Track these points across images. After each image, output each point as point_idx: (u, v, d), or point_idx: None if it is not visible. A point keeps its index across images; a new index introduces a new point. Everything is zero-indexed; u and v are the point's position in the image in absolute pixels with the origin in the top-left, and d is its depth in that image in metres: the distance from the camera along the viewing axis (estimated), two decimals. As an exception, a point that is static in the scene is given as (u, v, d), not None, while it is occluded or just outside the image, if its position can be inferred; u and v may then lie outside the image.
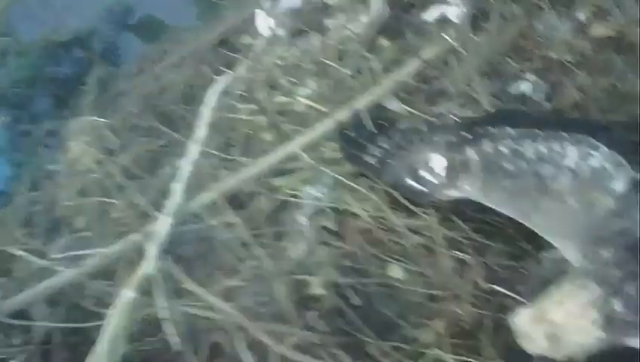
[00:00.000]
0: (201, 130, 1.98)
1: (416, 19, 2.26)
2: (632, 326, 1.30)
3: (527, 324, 1.37)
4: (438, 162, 1.66)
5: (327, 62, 2.09)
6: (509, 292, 1.59)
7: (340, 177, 1.82)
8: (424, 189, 1.67)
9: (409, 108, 1.99)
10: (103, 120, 2.23)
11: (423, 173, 1.67)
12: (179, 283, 1.68)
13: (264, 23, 2.40)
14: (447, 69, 2.10)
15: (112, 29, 2.93)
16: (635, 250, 1.36)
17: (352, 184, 1.80)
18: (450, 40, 2.14)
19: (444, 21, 2.22)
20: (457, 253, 1.66)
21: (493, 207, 1.56)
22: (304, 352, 1.54)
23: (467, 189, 1.59)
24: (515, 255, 1.66)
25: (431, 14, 2.25)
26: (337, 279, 1.64)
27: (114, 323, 1.58)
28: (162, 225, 1.77)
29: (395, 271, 1.66)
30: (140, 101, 2.33)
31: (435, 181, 1.65)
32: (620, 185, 1.48)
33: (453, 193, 1.62)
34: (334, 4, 2.28)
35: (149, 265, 1.69)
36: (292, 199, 1.86)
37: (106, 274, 1.79)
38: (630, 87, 2.03)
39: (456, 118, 1.96)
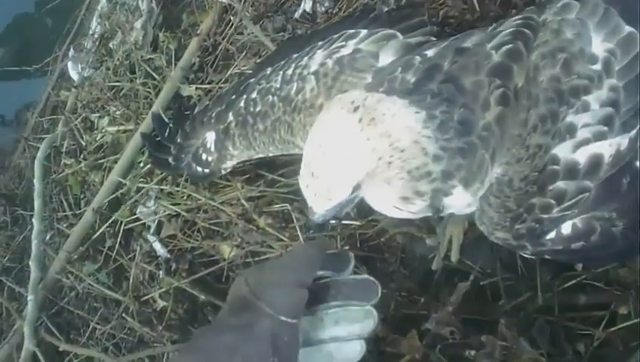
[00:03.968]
0: (37, 203, 2.05)
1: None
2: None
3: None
4: (211, 138, 1.63)
5: (117, 83, 2.10)
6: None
7: (154, 186, 1.85)
8: (207, 171, 1.63)
9: (201, 86, 1.98)
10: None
11: (204, 155, 1.64)
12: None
13: (74, 70, 2.45)
14: (227, 28, 2.08)
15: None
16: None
17: (165, 188, 1.82)
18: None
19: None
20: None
21: (262, 155, 1.52)
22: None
23: (234, 154, 1.55)
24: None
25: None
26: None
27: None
28: (29, 304, 1.87)
29: (225, 251, 1.69)
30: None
31: (210, 158, 1.61)
32: (385, 56, 1.42)
33: (228, 164, 1.59)
34: (110, 25, 2.28)
35: (28, 344, 1.80)
36: (135, 224, 1.91)
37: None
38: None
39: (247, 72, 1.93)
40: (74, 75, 2.43)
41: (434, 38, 1.48)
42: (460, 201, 1.23)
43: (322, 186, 1.06)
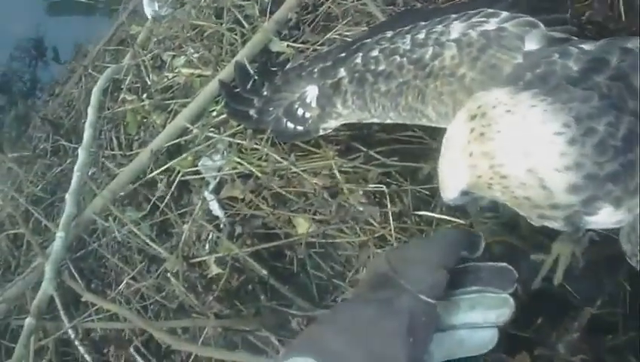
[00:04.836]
0: (87, 133, 1.85)
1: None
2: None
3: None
4: (312, 93, 1.44)
5: (201, 22, 1.90)
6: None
7: (227, 138, 1.64)
8: (301, 128, 1.45)
9: (294, 45, 1.78)
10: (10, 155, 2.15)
11: (300, 110, 1.45)
12: (78, 297, 1.56)
13: (149, 8, 2.27)
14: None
15: (26, 64, 2.87)
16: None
17: (240, 142, 1.61)
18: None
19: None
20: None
21: (377, 120, 1.33)
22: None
23: (343, 113, 1.37)
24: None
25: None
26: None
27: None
28: (56, 242, 1.65)
29: (302, 225, 1.47)
30: (45, 125, 2.22)
31: (309, 115, 1.43)
32: (530, 43, 1.28)
33: (331, 123, 1.41)
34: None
35: (47, 286, 1.58)
36: (193, 177, 1.69)
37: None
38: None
39: (347, 39, 1.75)
40: (149, 13, 2.24)
41: (575, 38, 1.32)
42: (608, 220, 1.05)
43: (441, 180, 1.10)
